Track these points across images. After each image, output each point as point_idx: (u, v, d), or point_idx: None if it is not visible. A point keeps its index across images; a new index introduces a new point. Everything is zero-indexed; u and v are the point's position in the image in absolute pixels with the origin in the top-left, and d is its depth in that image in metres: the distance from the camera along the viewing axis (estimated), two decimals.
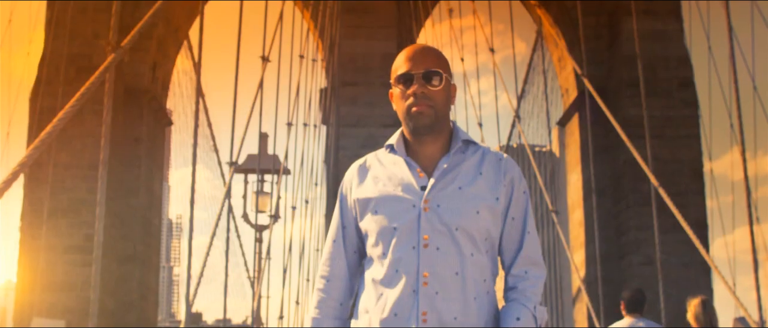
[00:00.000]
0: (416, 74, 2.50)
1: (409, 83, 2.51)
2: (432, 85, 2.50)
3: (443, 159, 2.53)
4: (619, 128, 11.03)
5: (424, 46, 2.61)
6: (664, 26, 18.67)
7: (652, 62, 17.51)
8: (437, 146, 2.55)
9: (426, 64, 2.52)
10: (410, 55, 2.55)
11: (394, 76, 2.56)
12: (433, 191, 2.47)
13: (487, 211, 2.48)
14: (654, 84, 17.14)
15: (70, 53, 17.71)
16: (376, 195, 2.52)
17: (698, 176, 18.09)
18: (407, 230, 2.44)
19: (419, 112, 2.49)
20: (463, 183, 2.48)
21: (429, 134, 2.53)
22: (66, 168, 17.31)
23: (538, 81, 27.06)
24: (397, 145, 2.58)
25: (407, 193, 2.48)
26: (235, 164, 10.57)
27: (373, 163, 2.62)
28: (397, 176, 2.53)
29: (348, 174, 2.67)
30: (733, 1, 9.62)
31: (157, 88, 20.04)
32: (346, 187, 2.65)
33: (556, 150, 38.03)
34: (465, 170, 2.52)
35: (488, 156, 2.57)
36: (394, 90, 2.57)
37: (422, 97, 2.49)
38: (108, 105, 6.86)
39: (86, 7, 18.01)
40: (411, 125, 2.53)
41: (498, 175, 2.53)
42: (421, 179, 2.50)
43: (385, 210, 2.48)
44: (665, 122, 17.80)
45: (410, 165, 2.53)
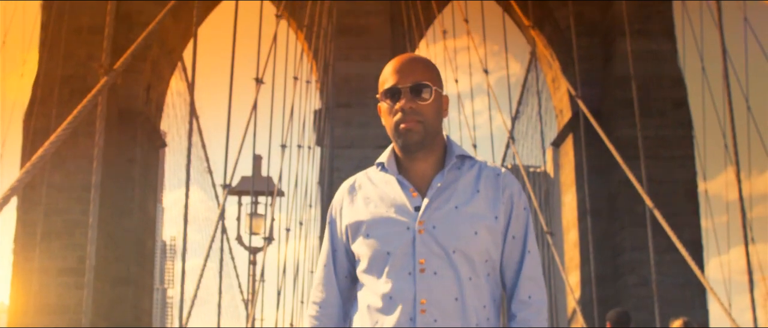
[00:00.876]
0: (404, 88, 2.34)
1: (397, 97, 2.34)
2: (421, 99, 2.33)
3: (437, 177, 2.36)
4: (614, 149, 11.01)
5: (411, 57, 2.43)
6: (657, 47, 18.71)
7: (646, 83, 17.53)
8: (430, 163, 2.39)
9: (414, 76, 2.35)
10: (397, 66, 2.38)
11: (381, 89, 2.39)
12: (428, 211, 2.31)
13: (486, 231, 2.32)
14: (648, 104, 17.15)
15: (64, 74, 17.69)
16: (368, 218, 2.36)
17: (693, 197, 18.09)
18: (402, 254, 2.28)
19: (408, 129, 2.32)
20: (459, 202, 2.33)
21: (420, 151, 2.36)
22: (59, 190, 17.26)
23: (532, 102, 27.07)
24: (388, 164, 2.41)
25: (400, 214, 2.32)
26: (229, 187, 10.52)
27: (364, 182, 2.46)
28: (389, 196, 2.37)
29: (337, 196, 2.51)
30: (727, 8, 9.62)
31: (151, 109, 20.01)
32: (336, 209, 2.49)
33: (551, 171, 38.07)
34: (461, 188, 2.36)
35: (485, 171, 2.41)
36: (382, 105, 2.40)
37: (411, 113, 2.32)
38: (100, 128, 6.83)
39: (80, 29, 18.02)
40: (400, 143, 2.36)
41: (496, 191, 2.38)
42: (415, 199, 2.34)
43: (377, 234, 2.32)
44: (660, 143, 17.81)
45: (402, 184, 2.37)
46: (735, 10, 15.21)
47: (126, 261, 18.38)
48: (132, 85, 18.76)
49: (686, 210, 17.68)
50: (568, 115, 20.07)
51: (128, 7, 18.91)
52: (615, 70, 18.53)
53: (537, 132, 25.30)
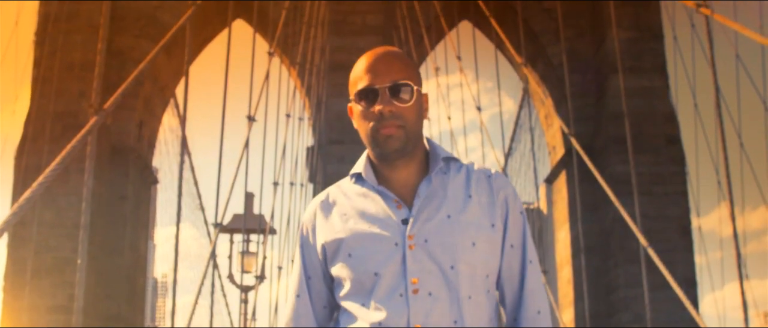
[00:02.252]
0: (381, 88, 2.04)
1: (373, 99, 2.04)
2: (401, 100, 2.04)
3: (423, 183, 2.07)
4: (607, 186, 10.99)
5: (388, 51, 2.12)
6: (650, 83, 18.75)
7: (639, 119, 17.54)
8: (412, 170, 2.10)
9: (392, 74, 2.05)
10: (372, 63, 2.08)
11: (355, 89, 2.09)
12: (418, 223, 2.01)
13: (484, 241, 2.04)
14: (641, 141, 17.15)
15: (56, 111, 17.66)
16: (348, 235, 2.05)
17: (686, 233, 18.05)
18: (391, 274, 1.98)
19: (388, 136, 2.04)
20: (451, 210, 2.04)
21: (401, 158, 2.08)
22: (50, 227, 17.15)
23: (525, 138, 27.15)
24: (366, 173, 2.11)
25: (386, 229, 2.02)
26: (220, 226, 10.46)
27: (338, 197, 2.15)
28: (370, 210, 2.07)
29: (308, 213, 2.18)
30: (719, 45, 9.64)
31: (143, 146, 19.97)
32: (308, 229, 2.16)
33: (544, 207, 38.08)
34: (452, 194, 2.07)
35: (475, 174, 2.13)
36: (354, 107, 2.11)
37: (390, 117, 2.03)
38: (89, 168, 6.80)
39: (73, 65, 18.02)
40: (378, 151, 2.07)
41: (490, 195, 2.10)
42: (401, 211, 2.04)
43: (361, 252, 2.02)
44: (653, 179, 17.80)
45: (385, 195, 2.07)
46: (727, 46, 15.26)
47: (116, 299, 18.24)
48: (124, 122, 18.73)
49: (680, 246, 17.63)
50: (561, 151, 20.06)
51: (120, 43, 18.94)
52: (608, 107, 18.55)
53: (530, 169, 25.31)
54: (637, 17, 18.95)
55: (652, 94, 18.61)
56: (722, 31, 13.78)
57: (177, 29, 7.29)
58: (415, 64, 2.17)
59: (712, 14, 6.95)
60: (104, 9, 7.19)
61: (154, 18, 19.29)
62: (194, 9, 7.81)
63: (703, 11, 7.02)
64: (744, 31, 6.86)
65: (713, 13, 6.94)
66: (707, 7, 6.99)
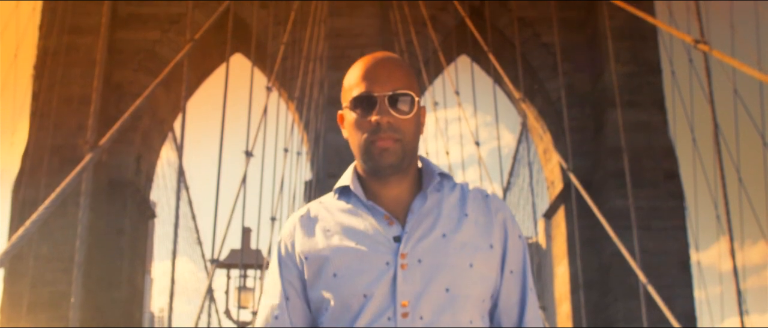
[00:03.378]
0: (380, 97, 1.86)
1: (370, 108, 1.87)
2: (400, 112, 1.87)
3: (417, 199, 1.90)
4: (605, 222, 10.97)
5: (389, 57, 1.95)
6: (648, 118, 18.76)
7: (638, 154, 17.53)
8: (405, 186, 1.93)
9: (392, 82, 1.88)
10: (371, 69, 1.90)
11: (350, 96, 1.91)
12: (411, 241, 1.84)
13: (482, 263, 1.87)
14: (640, 175, 17.13)
15: (54, 144, 17.65)
16: (333, 253, 1.86)
17: (686, 268, 18.00)
18: (381, 296, 1.80)
19: (384, 150, 1.86)
20: (447, 229, 1.87)
21: (395, 174, 1.90)
22: (47, 261, 17.09)
23: (523, 173, 27.12)
24: (354, 187, 1.93)
25: (376, 246, 1.84)
26: (217, 262, 10.42)
27: (320, 212, 1.96)
28: (358, 226, 1.88)
29: (287, 229, 1.97)
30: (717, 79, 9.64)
31: (140, 180, 19.95)
32: (286, 245, 1.95)
33: (543, 242, 37.99)
34: (447, 212, 1.90)
35: (470, 193, 1.97)
36: (347, 114, 1.93)
37: (388, 129, 1.86)
38: (84, 204, 6.76)
39: (71, 99, 18.03)
40: (370, 165, 1.89)
41: (488, 215, 1.93)
42: (392, 228, 1.86)
43: (348, 272, 1.83)
44: (651, 214, 17.76)
45: (374, 211, 1.89)
46: (725, 81, 15.29)
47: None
48: (122, 156, 18.72)
49: (679, 281, 17.58)
50: (560, 186, 20.04)
51: (119, 77, 18.98)
52: (606, 141, 18.56)
53: (528, 203, 25.24)
54: (634, 52, 19.01)
55: (650, 129, 18.63)
56: (721, 66, 13.81)
57: (175, 65, 7.29)
58: (414, 74, 1.98)
59: (711, 51, 6.96)
60: (101, 45, 7.19)
61: (153, 52, 19.35)
62: (192, 45, 7.82)
63: (702, 47, 7.03)
64: (742, 67, 6.86)
65: (712, 49, 6.94)
66: (705, 44, 6.99)
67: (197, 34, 8.47)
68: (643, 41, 19.09)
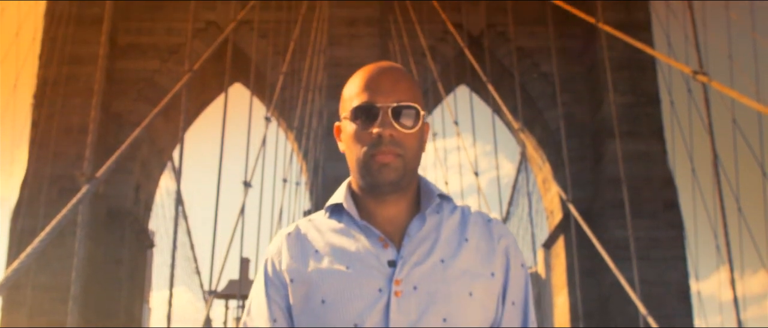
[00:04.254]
0: (383, 108, 1.72)
1: (372, 119, 1.73)
2: (403, 125, 1.73)
3: (415, 221, 1.76)
4: (605, 252, 10.92)
5: (393, 67, 1.80)
6: (647, 148, 18.78)
7: (637, 184, 17.53)
8: (402, 207, 1.78)
9: (397, 94, 1.74)
10: (374, 78, 1.76)
11: (349, 107, 1.77)
12: (406, 267, 1.68)
13: (483, 292, 1.72)
14: (639, 205, 17.12)
15: (53, 174, 17.65)
16: (321, 277, 1.70)
17: (685, 298, 17.95)
18: (372, 325, 1.66)
19: (384, 165, 1.72)
20: (445, 254, 1.72)
21: (393, 193, 1.76)
22: (45, 290, 17.03)
23: (523, 203, 27.11)
24: (348, 205, 1.78)
25: (368, 271, 1.69)
26: (215, 293, 10.37)
27: (309, 231, 1.80)
28: (349, 247, 1.73)
29: (273, 247, 1.82)
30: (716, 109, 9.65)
31: (139, 209, 19.92)
32: (273, 264, 1.79)
33: (542, 272, 37.87)
34: (446, 237, 1.75)
35: (471, 217, 1.82)
36: (346, 126, 1.78)
37: (390, 143, 1.71)
38: (80, 236, 6.74)
39: (71, 129, 18.05)
40: (368, 180, 1.74)
41: (490, 241, 1.78)
42: (387, 251, 1.71)
43: (337, 299, 1.67)
44: (651, 244, 17.73)
45: (368, 232, 1.74)
46: (724, 111, 15.30)
47: None
48: (121, 185, 18.71)
49: (679, 311, 17.53)
50: (559, 216, 20.01)
51: (119, 106, 19.02)
52: (605, 171, 18.56)
53: (528, 233, 25.21)
54: (633, 82, 19.06)
55: (649, 159, 18.64)
56: (719, 96, 13.83)
57: (174, 94, 7.29)
58: (420, 87, 1.84)
59: (710, 82, 6.96)
60: (99, 76, 7.20)
61: (153, 82, 19.39)
62: (190, 76, 7.82)
63: (700, 78, 7.03)
64: (741, 98, 6.86)
65: (711, 80, 6.94)
66: (704, 74, 6.99)
67: (196, 65, 8.48)
68: (641, 72, 19.14)
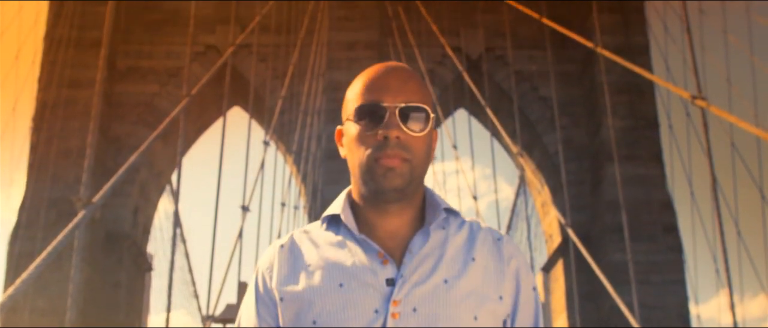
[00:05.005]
0: (390, 108, 1.59)
1: (377, 120, 1.59)
2: (411, 128, 1.59)
3: (418, 237, 1.61)
4: (603, 276, 10.91)
5: (401, 67, 1.67)
6: (646, 171, 18.78)
7: (636, 207, 17.52)
8: (405, 219, 1.63)
9: (406, 94, 1.61)
10: (382, 77, 1.63)
11: (354, 107, 1.63)
12: (406, 286, 1.54)
13: (489, 316, 1.57)
14: (638, 229, 17.10)
15: (51, 197, 17.63)
16: (313, 295, 1.56)
17: (685, 321, 17.90)
18: None
19: (389, 170, 1.57)
20: (450, 274, 1.57)
21: (397, 202, 1.61)
22: (42, 314, 16.96)
23: (521, 227, 27.06)
24: (346, 217, 1.63)
25: (364, 290, 1.54)
26: (212, 318, 10.34)
27: (303, 244, 1.66)
28: (345, 262, 1.59)
29: (265, 260, 1.68)
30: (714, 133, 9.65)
31: (137, 232, 19.88)
32: (264, 278, 1.65)
33: (542, 296, 37.82)
34: (451, 255, 1.60)
35: (480, 233, 1.67)
36: (349, 128, 1.64)
37: (397, 146, 1.57)
38: (76, 263, 6.71)
39: (69, 151, 18.03)
40: (372, 187, 1.59)
41: (499, 262, 1.64)
42: (386, 268, 1.56)
43: (329, 319, 1.53)
44: (650, 268, 17.70)
45: (366, 247, 1.59)
46: (723, 134, 15.32)
47: None
48: (119, 209, 18.68)
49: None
50: (558, 240, 19.98)
51: (118, 130, 19.03)
52: (604, 195, 18.55)
53: (527, 257, 25.18)
54: (632, 106, 19.08)
55: (648, 183, 18.63)
56: (718, 119, 13.84)
57: (172, 119, 7.30)
58: (430, 90, 1.69)
59: (708, 106, 6.97)
60: (96, 102, 7.18)
61: (152, 105, 19.41)
62: (188, 100, 7.83)
63: (699, 103, 7.04)
64: (740, 123, 6.86)
65: (709, 105, 6.95)
66: (703, 99, 7.01)
67: (194, 90, 8.48)
68: (640, 95, 19.16)
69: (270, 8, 15.89)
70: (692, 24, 9.21)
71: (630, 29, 19.62)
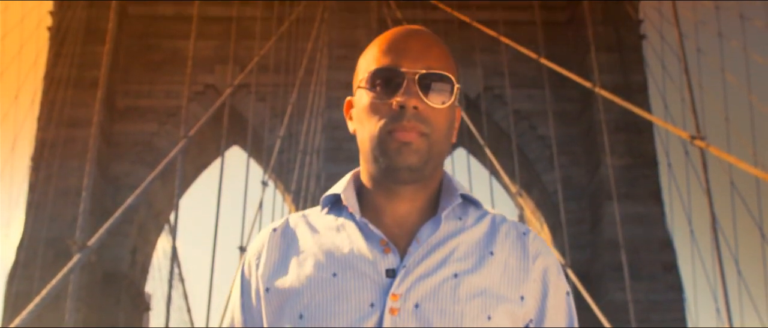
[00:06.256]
0: (409, 74, 1.37)
1: (394, 88, 1.37)
2: (432, 99, 1.37)
3: (428, 225, 1.39)
4: (604, 316, 10.86)
5: (423, 31, 1.44)
6: (645, 210, 18.74)
7: (635, 246, 17.48)
8: (417, 204, 1.42)
9: (427, 60, 1.39)
10: (401, 40, 1.42)
11: (367, 72, 1.42)
12: (409, 278, 1.33)
13: (505, 318, 1.35)
14: (638, 268, 17.05)
15: (49, 237, 17.56)
16: (302, 285, 1.35)
17: None
18: None
19: (405, 144, 1.35)
20: (462, 268, 1.35)
21: (411, 183, 1.39)
22: None
23: None
24: (347, 197, 1.43)
25: (360, 280, 1.33)
26: None
27: (299, 227, 1.45)
28: (342, 248, 1.38)
29: (254, 247, 1.47)
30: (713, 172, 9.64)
31: (135, 272, 19.81)
32: (250, 267, 1.45)
33: None
34: (465, 247, 1.38)
35: (503, 226, 1.45)
36: (360, 97, 1.44)
37: (415, 118, 1.35)
38: (71, 307, 6.68)
39: (68, 191, 18.00)
40: (384, 163, 1.38)
41: (523, 259, 1.41)
42: (387, 258, 1.35)
43: (318, 314, 1.32)
44: (651, 306, 17.62)
45: (367, 233, 1.38)
46: (721, 174, 15.34)
47: None
48: (117, 248, 18.61)
49: None
50: None
51: (116, 169, 19.01)
52: (603, 234, 18.50)
53: None
54: (630, 144, 19.09)
55: (647, 221, 18.60)
56: (717, 158, 13.85)
57: (170, 159, 7.29)
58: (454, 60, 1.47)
59: (707, 147, 6.97)
60: (92, 144, 7.18)
61: (151, 144, 19.41)
62: (185, 142, 7.83)
63: (698, 144, 7.05)
64: (739, 163, 6.87)
65: (708, 145, 6.96)
66: (702, 139, 7.01)
67: (192, 131, 8.49)
68: (638, 134, 19.18)
69: (268, 48, 15.96)
70: (690, 62, 9.25)
71: (628, 68, 19.68)
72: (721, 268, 9.02)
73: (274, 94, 18.53)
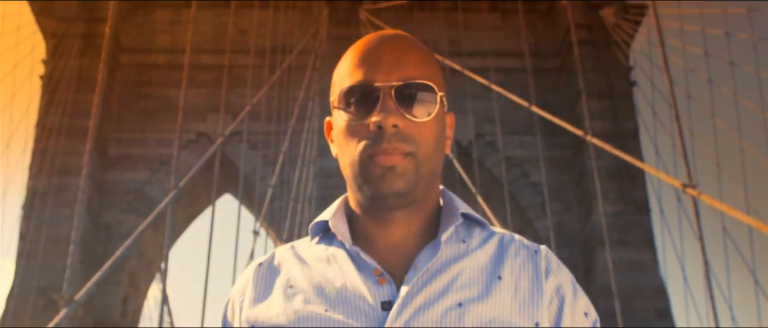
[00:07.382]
0: (384, 88, 1.23)
1: (370, 106, 1.23)
2: (413, 114, 1.23)
3: (426, 251, 1.24)
4: None
5: (398, 36, 1.29)
6: (638, 256, 18.72)
7: (628, 293, 17.43)
8: (413, 228, 1.28)
9: (404, 69, 1.24)
10: (373, 49, 1.27)
11: (339, 90, 1.27)
12: (407, 310, 1.19)
13: None
14: (631, 315, 16.99)
15: (40, 286, 17.46)
16: (290, 322, 1.22)
17: None
18: None
19: (387, 170, 1.22)
20: (466, 296, 1.21)
21: (402, 208, 1.26)
22: None
23: None
24: (335, 224, 1.30)
25: (354, 315, 1.20)
26: None
27: (286, 261, 1.32)
28: (334, 282, 1.24)
29: (238, 285, 1.35)
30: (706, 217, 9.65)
31: (126, 321, 19.67)
32: (235, 306, 1.33)
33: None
34: (470, 272, 1.24)
35: (512, 246, 1.31)
36: (336, 118, 1.29)
37: (395, 137, 1.21)
38: None
39: (59, 240, 17.92)
40: (368, 192, 1.25)
41: (535, 281, 1.27)
42: (383, 289, 1.22)
43: None
44: None
45: (359, 263, 1.25)
46: (713, 219, 15.32)
47: None
48: (108, 297, 18.49)
49: None
50: None
51: (108, 217, 18.94)
52: (596, 281, 18.45)
53: None
54: (622, 191, 19.10)
55: (640, 268, 18.56)
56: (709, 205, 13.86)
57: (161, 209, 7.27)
58: (436, 61, 1.32)
59: (699, 195, 6.98)
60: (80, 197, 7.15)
61: (142, 193, 19.37)
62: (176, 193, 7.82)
63: (690, 192, 7.05)
64: (731, 212, 6.87)
65: (700, 193, 6.96)
66: (694, 188, 7.02)
67: (182, 182, 8.48)
68: (630, 180, 19.20)
69: (260, 96, 16.00)
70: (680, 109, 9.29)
71: (619, 114, 19.76)
72: (715, 314, 9.01)
73: (265, 143, 18.54)
